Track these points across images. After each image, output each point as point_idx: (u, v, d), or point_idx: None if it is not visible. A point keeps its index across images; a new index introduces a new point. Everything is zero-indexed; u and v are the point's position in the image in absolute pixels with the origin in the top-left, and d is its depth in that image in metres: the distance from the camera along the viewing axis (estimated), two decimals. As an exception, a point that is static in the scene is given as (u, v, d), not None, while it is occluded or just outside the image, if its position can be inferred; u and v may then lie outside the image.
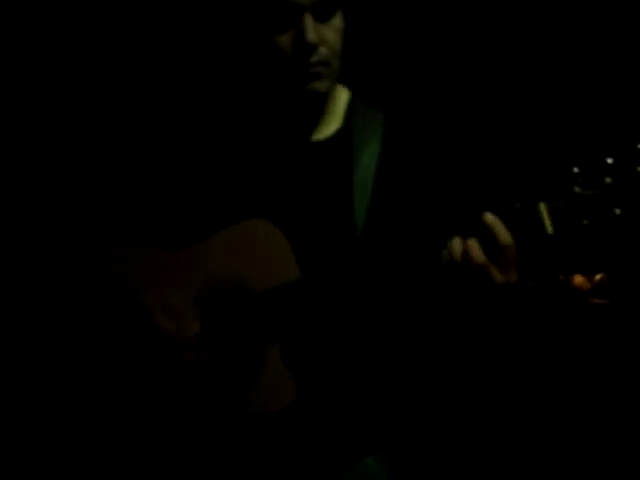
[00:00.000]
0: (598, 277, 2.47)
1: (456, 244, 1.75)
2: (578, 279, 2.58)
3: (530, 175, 2.26)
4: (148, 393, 1.87)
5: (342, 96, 2.01)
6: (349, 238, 1.89)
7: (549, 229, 1.71)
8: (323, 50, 1.85)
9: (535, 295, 2.47)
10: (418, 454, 1.98)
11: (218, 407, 1.84)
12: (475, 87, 2.44)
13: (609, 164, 1.67)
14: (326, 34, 1.85)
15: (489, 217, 1.75)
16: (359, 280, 1.81)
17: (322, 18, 1.85)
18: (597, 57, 2.39)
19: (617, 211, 1.67)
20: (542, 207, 1.72)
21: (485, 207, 1.77)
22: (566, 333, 2.50)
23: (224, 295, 1.87)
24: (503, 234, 1.73)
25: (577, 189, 1.69)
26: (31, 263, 1.95)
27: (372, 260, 1.82)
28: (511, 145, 2.37)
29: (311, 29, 1.82)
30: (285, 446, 1.87)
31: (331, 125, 1.98)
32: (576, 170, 1.69)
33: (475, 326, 1.87)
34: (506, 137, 2.38)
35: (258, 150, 1.96)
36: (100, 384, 1.89)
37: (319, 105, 1.95)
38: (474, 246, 1.73)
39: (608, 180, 1.68)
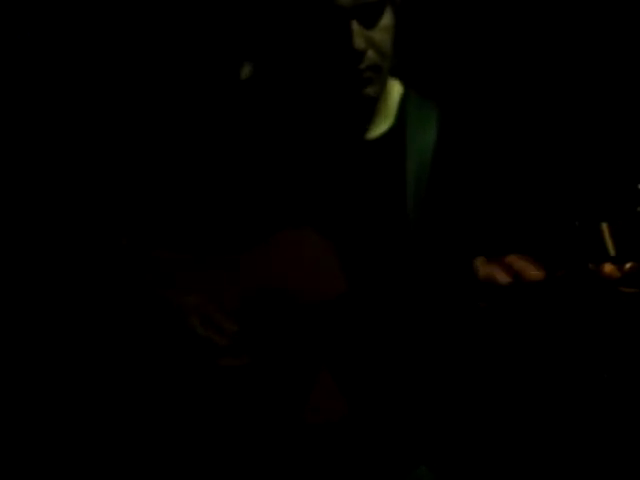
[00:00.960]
0: (628, 266, 2.43)
1: (480, 264, 1.71)
2: (608, 267, 2.53)
3: (592, 192, 2.20)
4: (181, 394, 1.83)
5: (394, 91, 1.95)
6: (402, 238, 1.85)
7: (611, 251, 1.67)
8: (371, 54, 1.78)
9: (564, 284, 2.44)
10: (469, 463, 1.98)
11: (263, 422, 1.80)
12: (540, 86, 2.37)
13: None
14: (374, 37, 1.78)
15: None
16: (412, 287, 1.76)
17: (369, 21, 1.78)
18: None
19: None
20: (604, 227, 1.67)
21: (540, 218, 1.73)
22: (596, 322, 2.48)
23: (267, 305, 1.82)
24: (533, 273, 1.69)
25: (640, 209, 1.65)
26: (67, 267, 1.90)
27: (427, 267, 1.78)
28: (574, 158, 2.31)
29: (357, 34, 1.75)
30: (335, 456, 1.83)
31: (383, 123, 1.92)
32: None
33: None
34: (569, 149, 2.32)
35: (308, 151, 1.90)
36: (132, 387, 1.84)
37: (370, 106, 1.88)
38: (498, 272, 1.70)
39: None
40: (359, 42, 1.76)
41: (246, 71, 2.17)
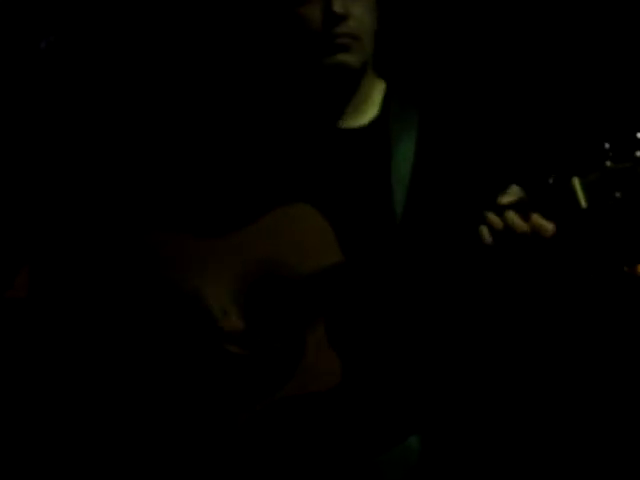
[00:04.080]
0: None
1: (493, 216, 1.79)
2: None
3: (562, 151, 2.30)
4: (189, 379, 1.90)
5: (378, 86, 2.04)
6: (389, 224, 1.93)
7: (583, 203, 1.77)
8: (351, 23, 1.87)
9: (599, 287, 2.46)
10: (459, 435, 2.04)
11: (261, 389, 1.88)
12: (506, 70, 2.48)
13: (640, 138, 1.73)
14: (354, 9, 1.88)
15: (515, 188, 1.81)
16: (400, 264, 1.85)
17: None
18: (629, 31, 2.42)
19: None
20: (575, 182, 1.77)
21: (519, 183, 1.83)
22: (632, 324, 2.49)
23: (267, 280, 1.90)
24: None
25: (609, 163, 1.75)
26: (75, 252, 1.97)
27: (412, 243, 1.86)
28: (543, 122, 2.41)
29: (339, 0, 1.85)
30: (329, 427, 1.91)
31: (367, 113, 2.01)
32: (607, 145, 1.75)
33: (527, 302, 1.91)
34: (538, 114, 2.42)
35: (295, 136, 1.99)
36: (143, 371, 1.92)
37: (352, 86, 1.97)
38: (512, 215, 1.77)
39: (639, 154, 1.73)
40: (338, 6, 1.85)
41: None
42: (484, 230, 1.79)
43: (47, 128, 2.35)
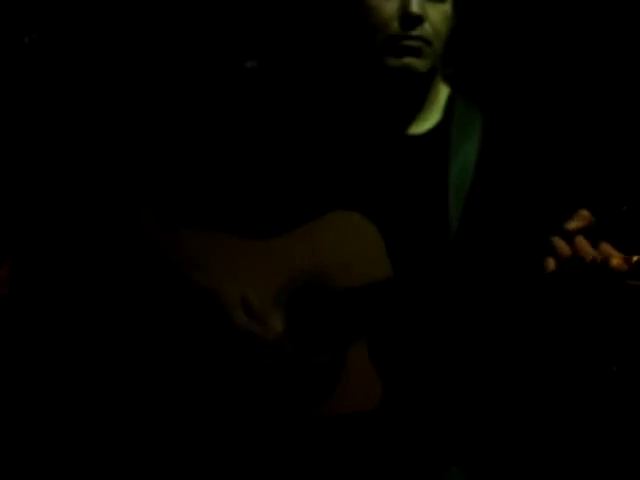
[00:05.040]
0: (636, 258, 2.42)
1: (560, 242, 1.68)
2: (615, 260, 2.53)
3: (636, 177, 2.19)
4: (223, 389, 1.79)
5: (443, 91, 1.94)
6: (443, 237, 1.82)
7: None
8: (427, 27, 1.78)
9: (571, 276, 2.42)
10: (499, 464, 1.95)
11: (298, 407, 1.77)
12: (579, 86, 2.36)
13: None
14: (431, 13, 1.79)
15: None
16: (451, 281, 1.75)
17: None
18: None
19: None
20: None
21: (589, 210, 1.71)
22: (603, 315, 2.47)
23: (309, 290, 1.79)
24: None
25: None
26: (110, 249, 1.86)
27: (465, 260, 1.76)
28: (619, 148, 2.30)
29: (417, 1, 1.76)
30: (363, 454, 1.80)
31: (431, 119, 1.90)
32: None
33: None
34: (613, 139, 2.31)
35: (354, 141, 1.88)
36: (173, 378, 1.80)
37: (416, 91, 1.87)
38: (581, 241, 1.67)
39: None
40: (417, 7, 1.76)
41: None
42: (550, 259, 1.67)
43: (33, 125, 2.27)
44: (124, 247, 1.84)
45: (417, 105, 1.88)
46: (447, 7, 1.81)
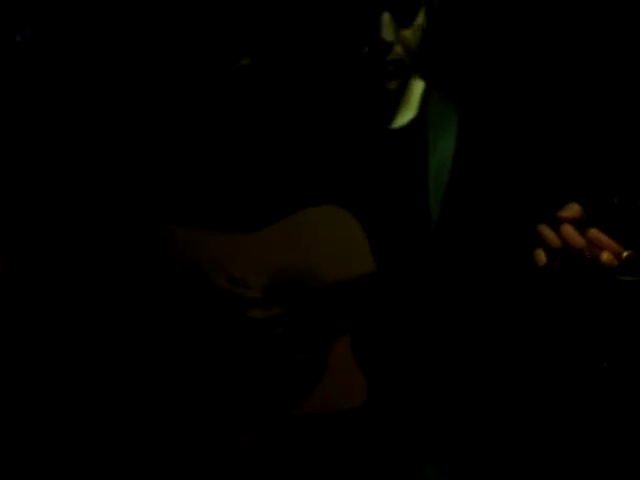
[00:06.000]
0: (626, 254, 2.41)
1: (547, 229, 1.67)
2: (606, 255, 2.51)
3: (630, 166, 2.16)
4: (207, 388, 1.76)
5: (417, 86, 1.92)
6: (424, 231, 1.81)
7: None
8: (398, 49, 1.77)
9: (562, 271, 2.42)
10: (476, 464, 1.92)
11: (280, 405, 1.74)
12: (561, 75, 2.34)
13: None
14: (405, 34, 1.77)
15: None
16: (433, 274, 1.74)
17: (403, 20, 1.76)
18: None
19: None
20: None
21: (578, 202, 1.68)
22: (593, 310, 2.46)
23: (290, 286, 1.76)
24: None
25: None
26: (101, 246, 1.84)
27: (447, 255, 1.76)
28: (607, 139, 2.27)
29: (387, 26, 1.73)
30: (344, 451, 1.78)
31: (405, 115, 1.89)
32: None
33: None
34: (600, 131, 2.28)
35: (329, 136, 1.86)
36: (159, 372, 1.77)
37: (391, 99, 1.86)
38: (569, 229, 1.65)
39: None
40: (388, 34, 1.74)
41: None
42: (540, 250, 1.64)
43: (27, 122, 2.23)
44: (110, 242, 1.82)
45: (390, 101, 1.86)
46: (420, 20, 1.78)
